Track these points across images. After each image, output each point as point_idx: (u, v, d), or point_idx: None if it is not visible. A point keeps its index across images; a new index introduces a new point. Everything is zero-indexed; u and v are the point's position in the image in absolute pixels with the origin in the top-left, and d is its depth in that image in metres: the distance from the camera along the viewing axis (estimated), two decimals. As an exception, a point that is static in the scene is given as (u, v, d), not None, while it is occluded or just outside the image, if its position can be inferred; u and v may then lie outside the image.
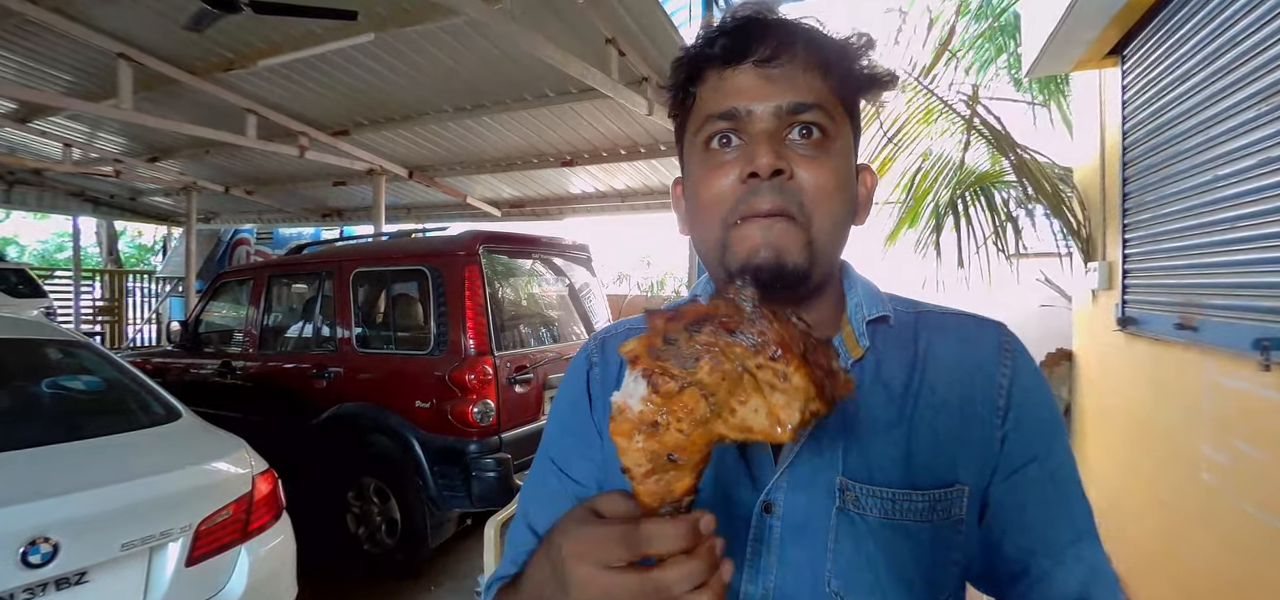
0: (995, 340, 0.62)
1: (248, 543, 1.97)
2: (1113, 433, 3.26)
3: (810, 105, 0.55)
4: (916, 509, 0.57)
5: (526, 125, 5.54)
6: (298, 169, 7.11)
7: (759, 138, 0.55)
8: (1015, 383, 0.60)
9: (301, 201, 9.10)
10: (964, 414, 0.59)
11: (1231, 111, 2.06)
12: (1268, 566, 1.90)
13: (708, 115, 0.57)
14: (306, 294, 4.11)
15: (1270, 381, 1.84)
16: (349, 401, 3.51)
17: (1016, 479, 0.59)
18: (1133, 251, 2.96)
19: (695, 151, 0.60)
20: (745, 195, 0.55)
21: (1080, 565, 0.58)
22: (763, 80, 0.55)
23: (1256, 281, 1.93)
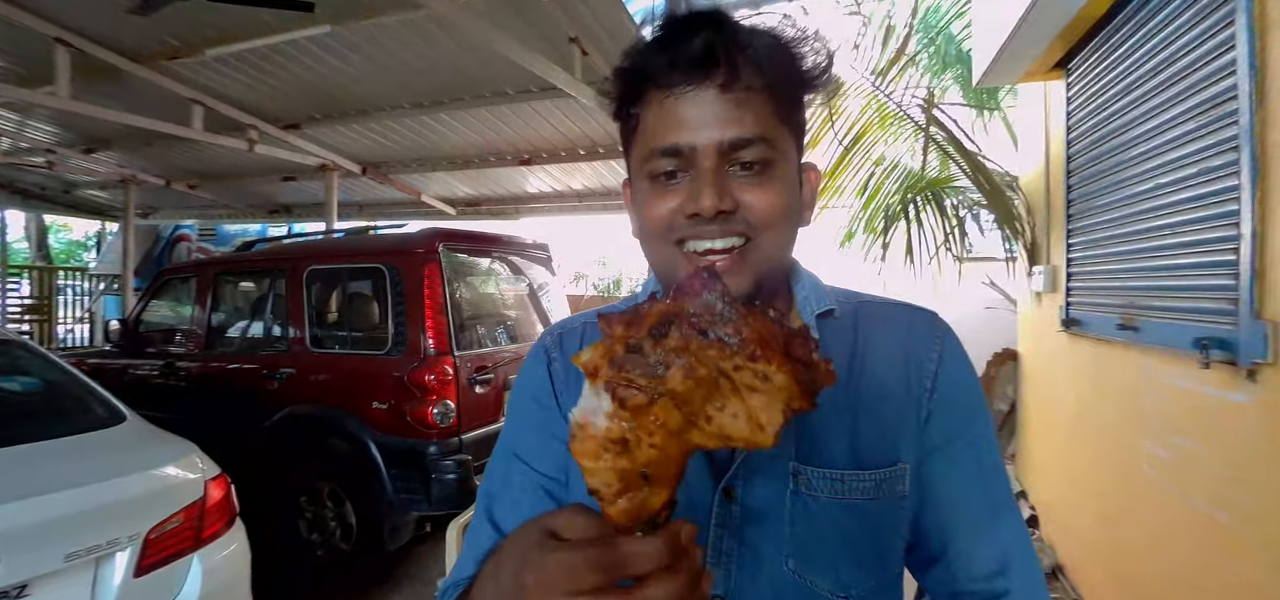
0: (927, 327, 0.66)
1: (200, 551, 1.87)
2: (1056, 429, 3.40)
3: (753, 139, 0.55)
4: (864, 488, 0.60)
5: (485, 123, 5.44)
6: (245, 163, 6.82)
7: (703, 175, 0.55)
8: (942, 366, 0.64)
9: (248, 197, 8.74)
10: (901, 396, 0.63)
11: (1172, 123, 2.17)
12: (1206, 555, 2.00)
13: (653, 149, 0.57)
14: (257, 292, 3.95)
15: (1209, 379, 1.95)
16: (302, 403, 3.38)
17: (939, 456, 0.62)
18: (1076, 255, 3.10)
19: (641, 176, 0.60)
20: (690, 226, 0.57)
21: (997, 544, 0.61)
22: (706, 111, 0.55)
23: (1196, 284, 2.05)
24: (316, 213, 8.51)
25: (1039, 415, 3.75)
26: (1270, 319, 1.70)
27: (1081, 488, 3.02)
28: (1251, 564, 1.79)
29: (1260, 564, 1.75)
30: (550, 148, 6.01)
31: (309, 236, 4.78)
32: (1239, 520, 1.86)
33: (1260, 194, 1.73)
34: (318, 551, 3.36)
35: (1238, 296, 1.81)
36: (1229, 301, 1.87)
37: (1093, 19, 2.74)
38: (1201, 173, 2.01)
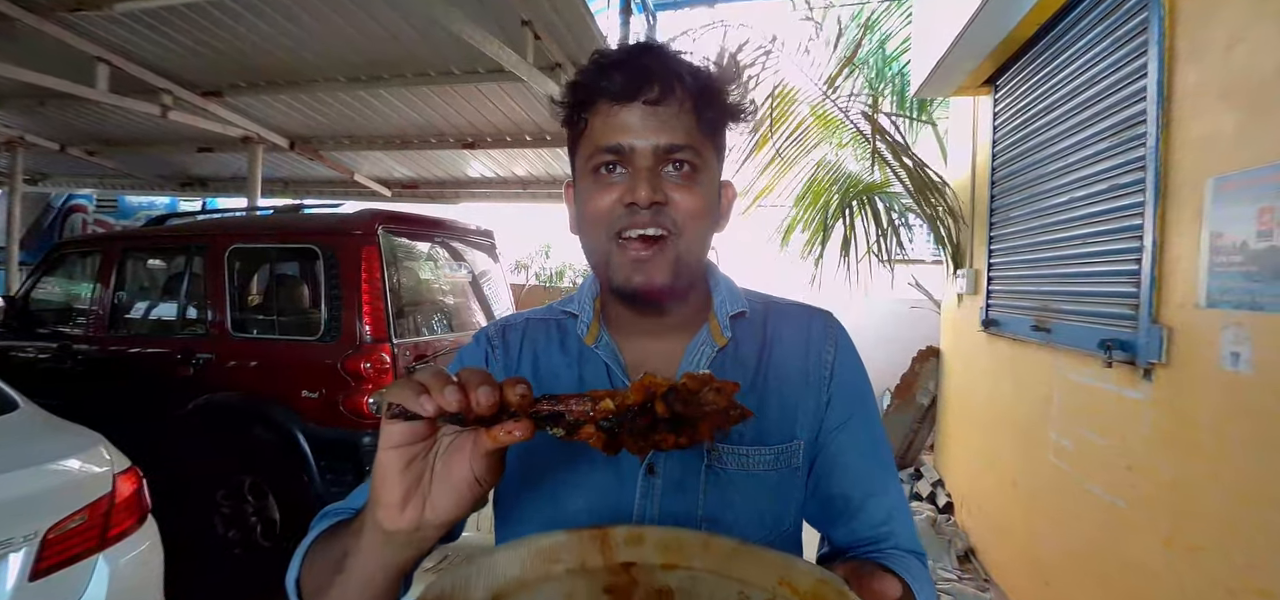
0: (824, 325, 0.78)
1: (106, 551, 1.73)
2: (974, 422, 3.63)
3: (683, 147, 0.66)
4: (764, 461, 0.71)
5: (427, 102, 5.26)
6: (156, 131, 6.32)
7: (640, 172, 0.65)
8: (838, 358, 0.76)
9: (157, 167, 8.11)
10: (801, 383, 0.74)
11: (1086, 142, 2.35)
12: (1105, 537, 2.19)
13: (598, 146, 0.67)
14: (171, 271, 3.68)
15: (1112, 376, 2.13)
16: (222, 391, 3.19)
17: (838, 433, 0.74)
18: (997, 260, 3.31)
19: (586, 173, 0.69)
20: (626, 216, 0.66)
21: (887, 498, 0.73)
22: (645, 120, 0.65)
23: (1102, 290, 2.22)
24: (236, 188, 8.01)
25: (957, 409, 3.98)
26: (1166, 324, 1.87)
27: (995, 476, 3.24)
28: (1142, 545, 1.97)
29: (1150, 545, 1.93)
30: (495, 132, 5.88)
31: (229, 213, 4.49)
32: (1132, 506, 2.04)
33: (1161, 210, 1.91)
34: (236, 549, 3.18)
35: (1139, 302, 1.98)
36: (1130, 307, 2.04)
37: (1020, 41, 2.92)
38: (1111, 188, 2.19)
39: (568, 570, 0.56)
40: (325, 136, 6.34)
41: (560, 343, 0.78)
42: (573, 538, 0.57)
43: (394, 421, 0.46)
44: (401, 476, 0.48)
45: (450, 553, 2.62)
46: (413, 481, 0.48)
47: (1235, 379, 1.60)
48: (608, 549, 0.57)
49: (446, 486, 0.49)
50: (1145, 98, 1.97)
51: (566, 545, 0.56)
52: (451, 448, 0.49)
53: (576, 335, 0.77)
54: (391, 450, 0.47)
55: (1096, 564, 2.25)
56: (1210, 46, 1.75)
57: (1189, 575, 1.77)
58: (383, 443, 0.47)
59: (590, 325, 0.77)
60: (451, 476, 0.49)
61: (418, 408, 0.44)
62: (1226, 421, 1.64)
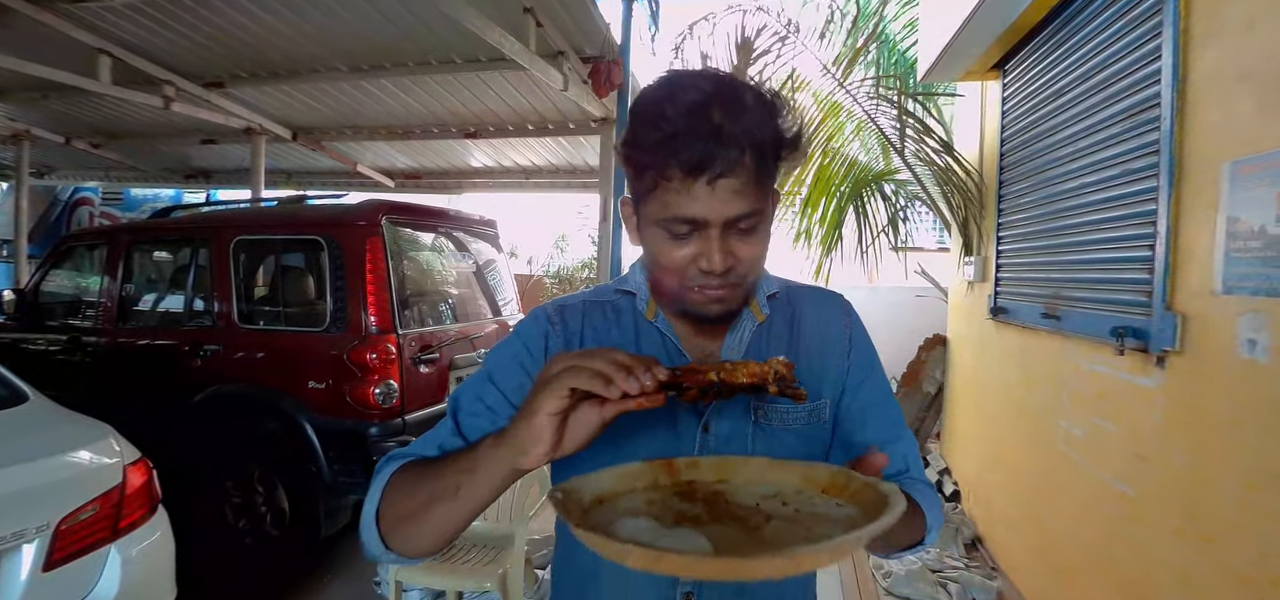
0: (841, 304, 0.92)
1: (118, 542, 1.74)
2: (983, 411, 3.61)
3: (748, 213, 0.72)
4: (800, 417, 0.84)
5: (429, 91, 5.24)
6: (159, 123, 6.33)
7: (712, 240, 0.72)
8: (853, 332, 0.89)
9: (161, 160, 8.13)
10: (824, 352, 0.87)
11: (1098, 126, 2.32)
12: (1115, 526, 2.18)
13: (671, 215, 0.72)
14: (177, 263, 3.69)
15: (1124, 364, 2.11)
16: (229, 382, 3.20)
17: (858, 394, 0.87)
18: (1006, 248, 3.28)
19: (656, 224, 0.75)
20: (699, 276, 0.74)
21: (901, 444, 0.87)
22: (715, 194, 0.70)
23: (1114, 277, 2.20)
24: (239, 179, 8.03)
25: (965, 397, 3.96)
26: (1180, 311, 1.85)
27: (1002, 465, 3.23)
28: (1154, 535, 1.96)
29: (1162, 535, 1.92)
30: (497, 121, 5.86)
31: (233, 204, 4.49)
32: (1144, 495, 2.03)
33: (1176, 196, 1.88)
34: (246, 539, 3.20)
35: (1152, 289, 1.96)
36: (1144, 294, 2.02)
37: (1029, 25, 2.88)
38: (1124, 174, 2.16)
39: (645, 486, 0.70)
40: (327, 127, 6.34)
41: (616, 322, 0.86)
42: (646, 466, 0.72)
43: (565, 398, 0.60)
44: (552, 435, 0.61)
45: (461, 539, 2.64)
46: (556, 437, 0.62)
47: (1252, 367, 1.58)
48: (673, 472, 0.72)
49: (577, 436, 0.63)
50: (1159, 81, 1.93)
51: (643, 471, 0.71)
52: (581, 407, 0.62)
53: (632, 313, 0.87)
54: (551, 416, 0.60)
55: (1106, 553, 2.24)
56: (1227, 27, 1.71)
57: (1200, 565, 1.76)
58: (544, 409, 0.60)
59: (649, 302, 0.86)
60: (582, 427, 0.62)
61: (607, 393, 0.59)
62: (1242, 410, 1.62)
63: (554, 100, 5.21)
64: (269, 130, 6.09)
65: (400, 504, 0.72)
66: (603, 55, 4.14)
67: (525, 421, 0.62)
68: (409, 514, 0.71)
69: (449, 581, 2.42)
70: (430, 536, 0.71)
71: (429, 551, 0.74)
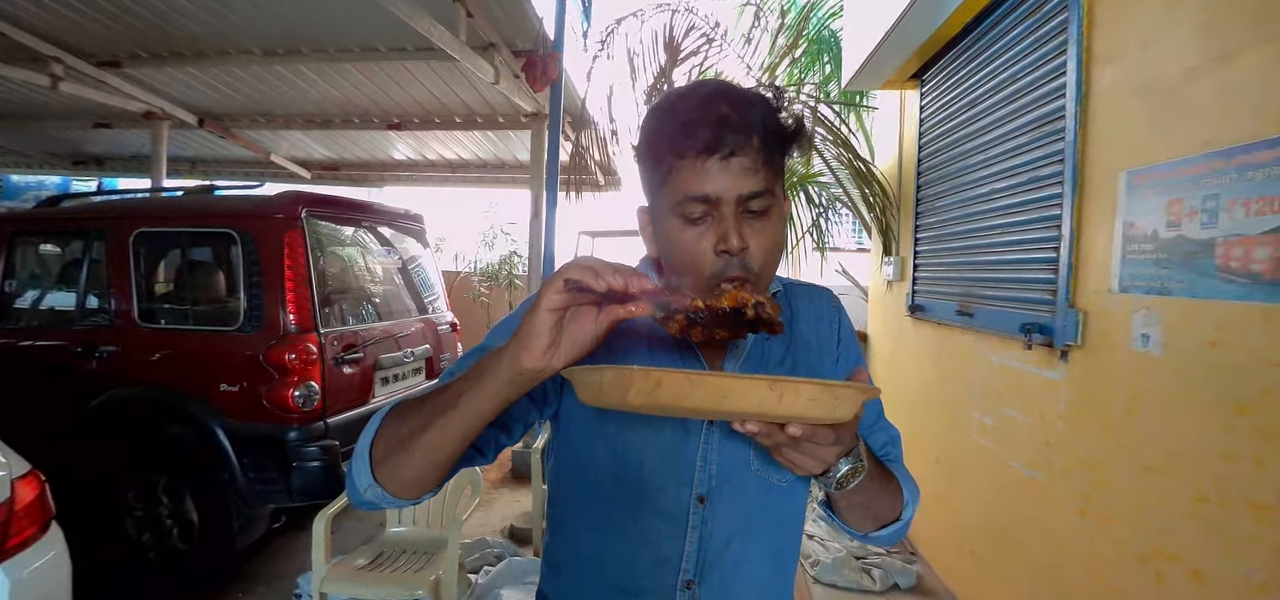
0: (831, 299, 0.98)
1: (6, 564, 1.56)
2: (901, 404, 3.79)
3: (760, 192, 0.76)
4: None
5: (350, 80, 5.01)
6: (45, 104, 5.75)
7: (726, 218, 0.75)
8: (841, 325, 0.95)
9: (46, 144, 7.40)
10: (818, 345, 0.92)
11: (1009, 135, 2.48)
12: (1025, 509, 2.33)
13: (687, 195, 0.75)
14: (68, 257, 3.36)
15: (1031, 358, 2.26)
16: (130, 385, 2.94)
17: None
18: (923, 249, 3.46)
19: (672, 214, 0.78)
20: (719, 265, 0.76)
21: (883, 432, 0.94)
22: (727, 171, 0.75)
23: (1023, 276, 2.35)
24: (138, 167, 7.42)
25: (884, 391, 4.07)
26: (1082, 308, 2.00)
27: (922, 456, 3.40)
28: (1061, 517, 2.11)
29: (1068, 517, 2.07)
30: (422, 113, 5.67)
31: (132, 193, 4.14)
32: (1050, 479, 2.18)
33: (1079, 202, 2.03)
34: (149, 553, 2.95)
35: (1057, 288, 2.11)
36: (1049, 293, 2.17)
37: (946, 38, 3.04)
38: (1032, 180, 2.31)
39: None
40: (238, 113, 5.95)
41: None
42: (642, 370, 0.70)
43: (562, 292, 0.62)
44: (550, 331, 0.63)
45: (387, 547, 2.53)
46: (554, 335, 0.63)
47: (1145, 359, 1.73)
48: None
49: (573, 342, 0.64)
50: (1064, 95, 2.09)
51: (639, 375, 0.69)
52: (578, 313, 0.64)
53: None
54: (549, 311, 0.62)
55: (1017, 534, 2.40)
56: (1125, 47, 1.87)
57: (1103, 543, 1.91)
58: (544, 305, 0.62)
59: None
60: (578, 334, 0.64)
61: (595, 284, 0.61)
62: (1137, 399, 1.77)
63: (483, 93, 5.09)
64: (172, 115, 5.65)
65: (398, 427, 0.73)
66: (536, 49, 4.08)
67: (528, 318, 0.64)
68: (407, 436, 0.71)
69: (377, 590, 2.32)
70: (424, 461, 0.71)
71: (418, 483, 0.73)
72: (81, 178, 8.20)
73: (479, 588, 2.85)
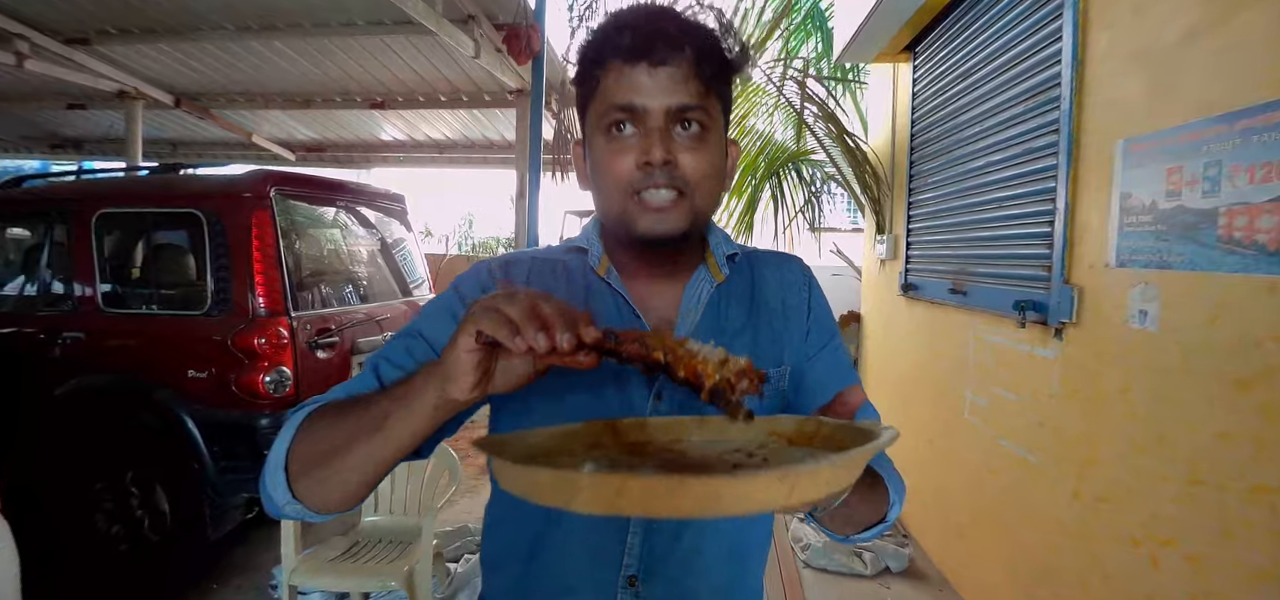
0: (800, 268, 0.90)
1: (-61, 560, 1.48)
2: (893, 383, 3.73)
3: (693, 106, 0.70)
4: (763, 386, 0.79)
5: (329, 57, 4.87)
6: (13, 84, 5.58)
7: (652, 132, 0.69)
8: (813, 297, 0.87)
9: (20, 127, 7.23)
10: (784, 316, 0.84)
11: (1002, 107, 2.38)
12: (1017, 490, 2.27)
13: (611, 104, 0.70)
14: (29, 240, 3.25)
15: (1024, 336, 2.19)
16: (93, 373, 2.84)
17: (817, 358, 0.84)
18: (916, 226, 3.38)
19: (598, 130, 0.72)
20: (641, 179, 0.70)
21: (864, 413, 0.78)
22: (657, 81, 0.68)
23: (1017, 253, 2.28)
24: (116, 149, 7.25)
25: (878, 371, 4.09)
26: (1077, 284, 1.92)
27: (913, 435, 3.34)
28: (1053, 498, 2.05)
29: (1060, 498, 2.01)
30: (406, 91, 5.53)
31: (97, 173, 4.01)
32: (1043, 460, 2.12)
33: (1074, 173, 1.95)
34: (121, 546, 2.87)
35: (1051, 264, 2.03)
36: (1043, 269, 2.09)
37: (938, 8, 2.94)
38: (1026, 152, 2.23)
39: (586, 445, 0.62)
40: (216, 92, 5.80)
41: (566, 279, 0.82)
42: (586, 426, 0.63)
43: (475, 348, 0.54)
44: (475, 369, 0.55)
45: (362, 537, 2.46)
46: (481, 370, 0.56)
47: (1142, 336, 1.65)
48: (618, 433, 0.64)
49: (509, 377, 0.59)
50: (1060, 62, 1.99)
51: (582, 430, 0.63)
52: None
53: (582, 272, 0.82)
54: (468, 353, 0.55)
55: (1008, 516, 2.34)
56: (1120, 11, 1.77)
57: (1095, 525, 1.85)
58: (460, 346, 0.54)
59: (601, 259, 0.81)
60: (513, 368, 0.59)
61: (511, 346, 0.52)
62: (1132, 377, 1.70)
63: (466, 69, 4.95)
64: (146, 94, 5.49)
65: (317, 442, 0.65)
66: (517, 21, 3.95)
67: (449, 352, 0.56)
68: (327, 452, 0.63)
69: (352, 582, 2.25)
70: (348, 480, 0.63)
71: (342, 501, 0.66)
72: (59, 161, 8.04)
73: (458, 577, 2.79)
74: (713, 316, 0.80)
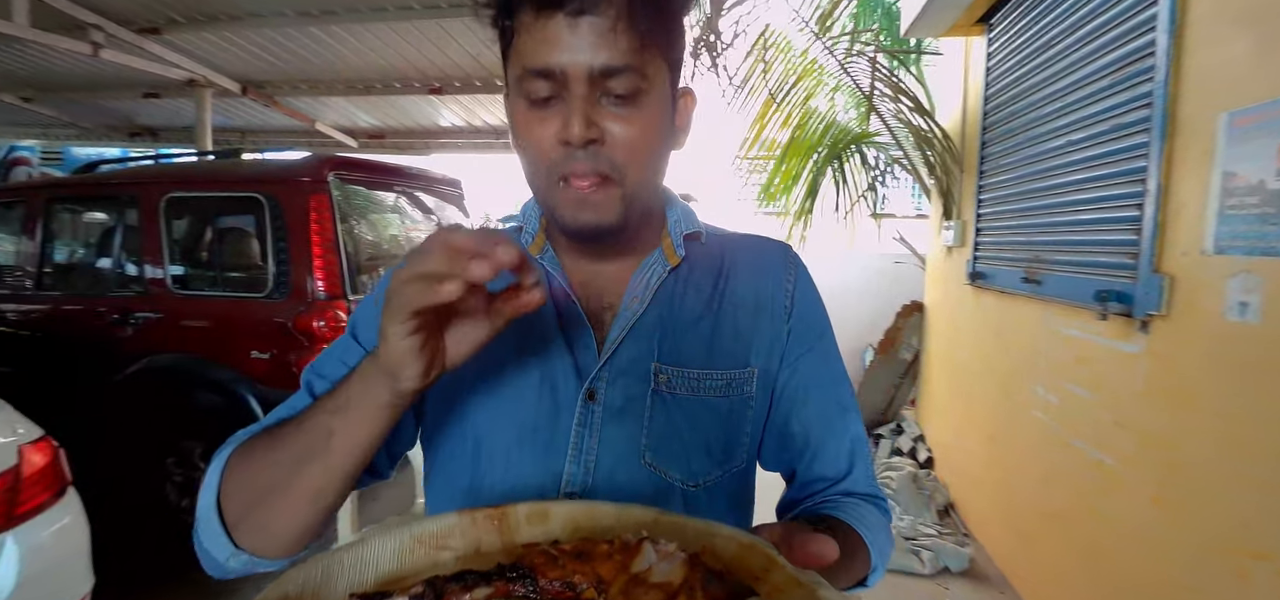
0: (782, 256, 0.75)
1: (16, 530, 1.56)
2: (958, 378, 3.56)
3: (622, 69, 0.56)
4: (715, 386, 0.68)
5: (388, 42, 4.92)
6: (93, 74, 5.87)
7: (573, 102, 0.57)
8: (797, 289, 0.73)
9: (102, 115, 7.63)
10: (757, 311, 0.71)
11: (1088, 79, 2.20)
12: (1089, 493, 2.12)
13: (526, 68, 0.57)
14: (104, 224, 3.42)
15: (1105, 329, 2.03)
16: (163, 352, 2.98)
17: (798, 365, 0.71)
18: (986, 212, 3.19)
19: (516, 93, 0.60)
20: (561, 158, 0.59)
21: (846, 436, 0.71)
22: (577, 35, 0.55)
23: (1100, 238, 2.10)
24: (187, 137, 7.59)
25: (941, 364, 3.91)
26: (1167, 272, 1.76)
27: (976, 432, 3.18)
28: (1130, 503, 1.90)
29: (1138, 503, 1.86)
30: (463, 76, 5.56)
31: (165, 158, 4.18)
32: (1120, 462, 1.97)
33: (1167, 151, 1.77)
34: (188, 518, 3.01)
35: (1139, 251, 1.87)
36: (1129, 256, 1.93)
37: (1015, -28, 2.74)
38: (1113, 128, 2.05)
39: (458, 557, 0.48)
40: (280, 80, 5.96)
41: None
42: (464, 519, 0.50)
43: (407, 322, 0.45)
44: (420, 350, 0.47)
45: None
46: (433, 351, 0.49)
47: (1241, 330, 1.49)
48: (506, 529, 0.50)
49: (464, 343, 0.50)
50: (1155, 27, 1.82)
51: (457, 528, 0.49)
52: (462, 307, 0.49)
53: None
54: (405, 339, 0.46)
55: (1078, 520, 2.19)
56: (1230, -33, 1.59)
57: (1178, 534, 1.70)
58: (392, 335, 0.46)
59: (536, 236, 0.71)
60: (467, 335, 0.50)
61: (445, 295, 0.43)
62: (1229, 374, 1.54)
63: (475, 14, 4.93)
64: (215, 83, 5.70)
65: (253, 478, 0.56)
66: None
67: (383, 343, 0.47)
68: (266, 488, 0.54)
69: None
70: (299, 514, 0.54)
71: (298, 540, 0.56)
72: (138, 148, 8.47)
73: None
74: (663, 306, 0.69)
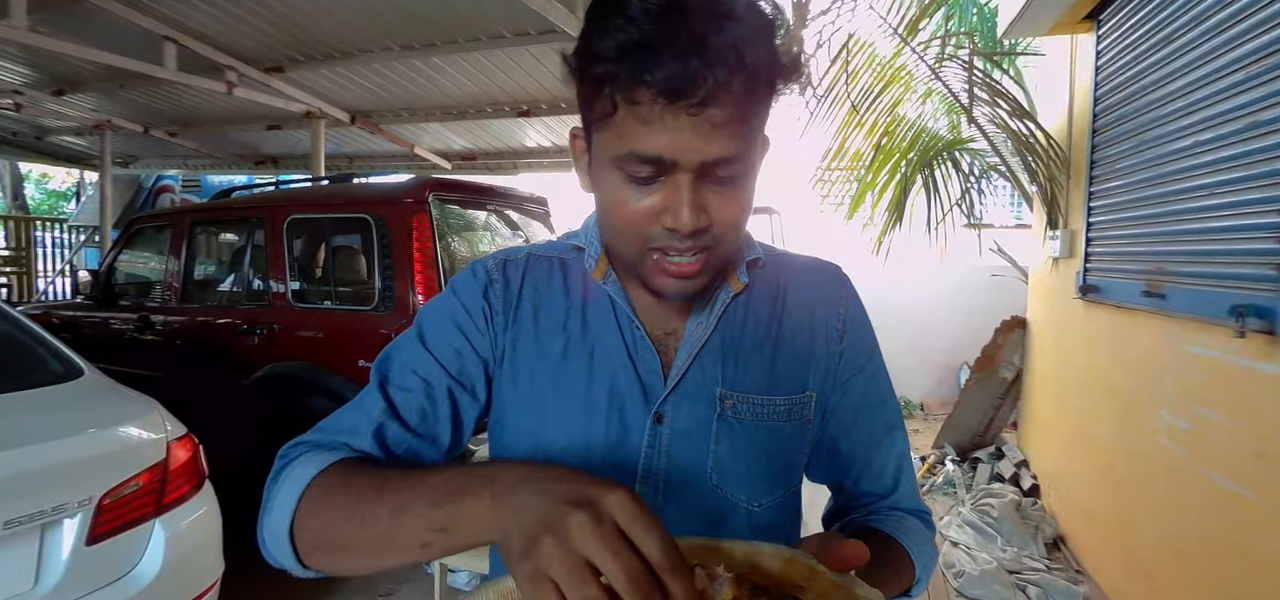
0: (835, 278, 0.76)
1: (163, 517, 1.74)
2: (1066, 399, 3.31)
3: (730, 159, 0.55)
4: (778, 411, 0.70)
5: (480, 69, 5.19)
6: (226, 109, 6.53)
7: (682, 191, 0.55)
8: (848, 311, 0.74)
9: (232, 146, 8.46)
10: (812, 334, 0.72)
11: (1215, 75, 2.02)
12: (1226, 530, 1.91)
13: (632, 152, 0.55)
14: (235, 243, 3.77)
15: (1243, 348, 1.83)
16: (284, 360, 3.24)
17: (849, 386, 0.73)
18: (1098, 220, 2.97)
19: (612, 168, 0.58)
20: (662, 237, 0.58)
21: (893, 452, 0.74)
22: (694, 127, 0.53)
23: (1235, 248, 1.91)
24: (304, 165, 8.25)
25: (1046, 384, 3.65)
26: (1321, 286, 1.58)
27: (1090, 459, 2.94)
28: (1274, 540, 1.70)
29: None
30: (550, 98, 5.77)
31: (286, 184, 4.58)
32: (1264, 496, 1.76)
33: (1319, 150, 1.59)
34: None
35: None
36: (1271, 266, 1.74)
37: (1130, -37, 2.55)
38: (1247, 128, 1.86)
39: None
40: (384, 109, 6.40)
41: (563, 282, 0.73)
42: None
43: None
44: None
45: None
46: None
47: None
48: None
49: None
50: (1301, 14, 1.64)
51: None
52: None
53: (580, 275, 0.73)
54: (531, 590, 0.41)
55: (1213, 559, 1.98)
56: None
57: (1344, 582, 1.50)
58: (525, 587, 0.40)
59: (598, 259, 0.71)
60: None
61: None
62: (1406, 403, 1.36)
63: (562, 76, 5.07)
64: (328, 114, 6.19)
65: (334, 531, 0.55)
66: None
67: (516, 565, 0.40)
68: (347, 546, 0.54)
69: (492, 565, 2.36)
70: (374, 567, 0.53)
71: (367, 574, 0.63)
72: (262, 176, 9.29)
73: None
74: (726, 332, 0.70)
